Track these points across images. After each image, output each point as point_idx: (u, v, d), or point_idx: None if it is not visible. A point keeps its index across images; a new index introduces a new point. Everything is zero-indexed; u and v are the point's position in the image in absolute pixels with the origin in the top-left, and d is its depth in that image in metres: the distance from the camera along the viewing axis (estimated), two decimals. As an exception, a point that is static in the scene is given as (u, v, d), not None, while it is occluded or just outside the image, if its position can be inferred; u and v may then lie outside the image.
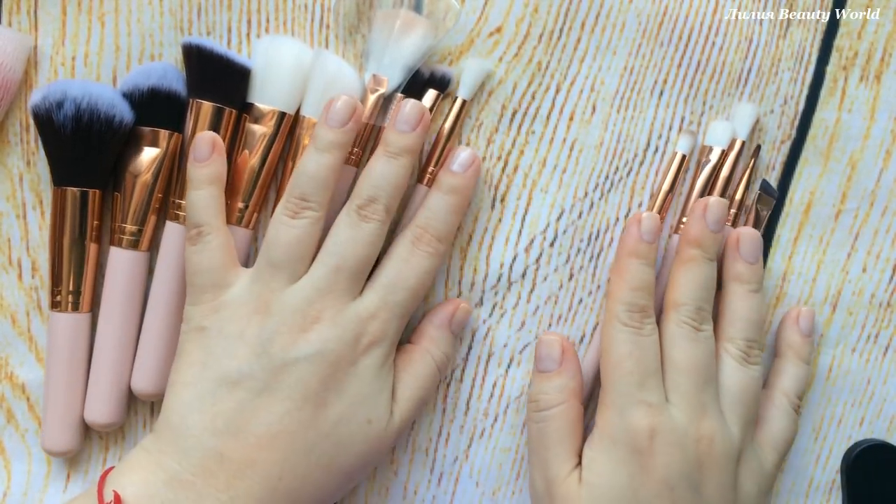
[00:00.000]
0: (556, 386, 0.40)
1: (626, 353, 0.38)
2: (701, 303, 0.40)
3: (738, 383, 0.40)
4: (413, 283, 0.39)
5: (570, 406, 0.39)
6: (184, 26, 0.41)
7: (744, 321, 0.41)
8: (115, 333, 0.40)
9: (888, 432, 0.46)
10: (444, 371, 0.42)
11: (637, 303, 0.39)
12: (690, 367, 0.38)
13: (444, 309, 0.42)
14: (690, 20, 0.43)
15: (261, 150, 0.41)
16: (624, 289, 0.39)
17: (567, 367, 0.40)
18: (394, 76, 0.41)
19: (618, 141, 0.43)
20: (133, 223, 0.40)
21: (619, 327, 0.39)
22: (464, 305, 0.42)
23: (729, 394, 0.40)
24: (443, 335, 0.41)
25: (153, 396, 0.41)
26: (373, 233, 0.38)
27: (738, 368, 0.40)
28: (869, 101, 0.44)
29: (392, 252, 0.39)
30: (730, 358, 0.40)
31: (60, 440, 0.41)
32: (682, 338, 0.39)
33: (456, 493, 0.45)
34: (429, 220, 0.39)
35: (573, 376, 0.40)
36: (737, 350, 0.40)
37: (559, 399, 0.40)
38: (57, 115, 0.38)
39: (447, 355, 0.42)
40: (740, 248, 0.41)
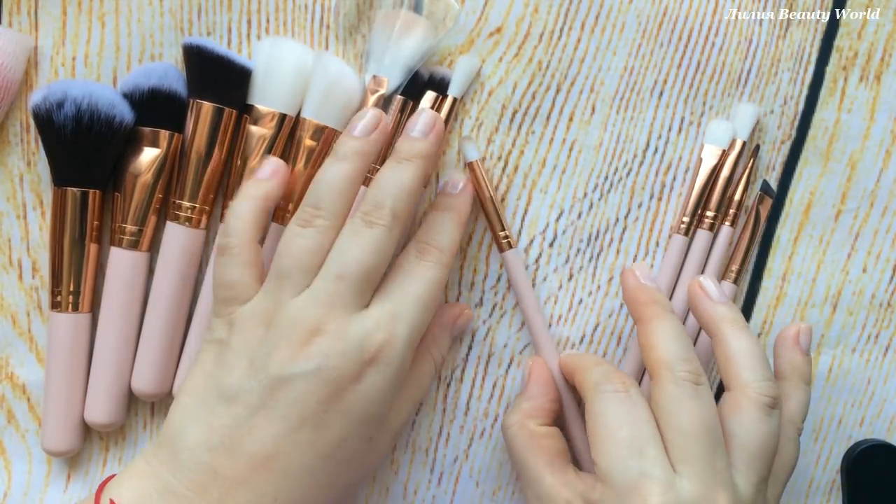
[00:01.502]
0: (514, 408, 0.40)
1: (616, 421, 0.34)
2: (690, 354, 0.36)
3: (760, 437, 0.35)
4: (420, 293, 0.36)
5: (520, 427, 0.39)
6: (184, 27, 0.41)
7: (755, 359, 0.36)
8: (115, 333, 0.40)
9: (888, 432, 0.46)
10: (439, 372, 0.42)
11: (612, 368, 0.38)
12: (700, 429, 0.34)
13: (449, 311, 0.42)
14: (690, 20, 0.43)
15: (261, 152, 0.41)
16: (592, 357, 0.40)
17: (528, 388, 0.41)
18: (394, 77, 0.41)
19: (617, 141, 0.43)
20: (133, 223, 0.40)
21: (602, 396, 0.35)
22: (468, 312, 0.42)
23: (747, 451, 0.35)
24: (444, 337, 0.41)
25: (153, 396, 0.41)
26: (378, 239, 0.35)
27: (761, 420, 0.35)
28: (869, 102, 0.44)
29: (396, 263, 0.38)
30: (752, 408, 0.35)
31: (60, 440, 0.41)
32: (684, 397, 0.34)
33: (456, 493, 0.45)
34: (428, 233, 0.38)
35: (530, 397, 0.40)
36: (759, 395, 0.35)
37: (511, 421, 0.40)
38: (57, 115, 0.38)
39: (444, 357, 0.42)
40: (709, 292, 0.39)
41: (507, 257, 0.42)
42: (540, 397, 0.40)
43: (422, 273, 0.37)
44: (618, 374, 0.36)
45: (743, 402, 0.35)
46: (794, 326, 0.41)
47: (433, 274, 0.37)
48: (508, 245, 0.42)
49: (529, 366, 0.41)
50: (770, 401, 0.35)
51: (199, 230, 0.41)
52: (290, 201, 0.41)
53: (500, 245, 0.42)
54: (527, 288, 0.42)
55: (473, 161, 0.41)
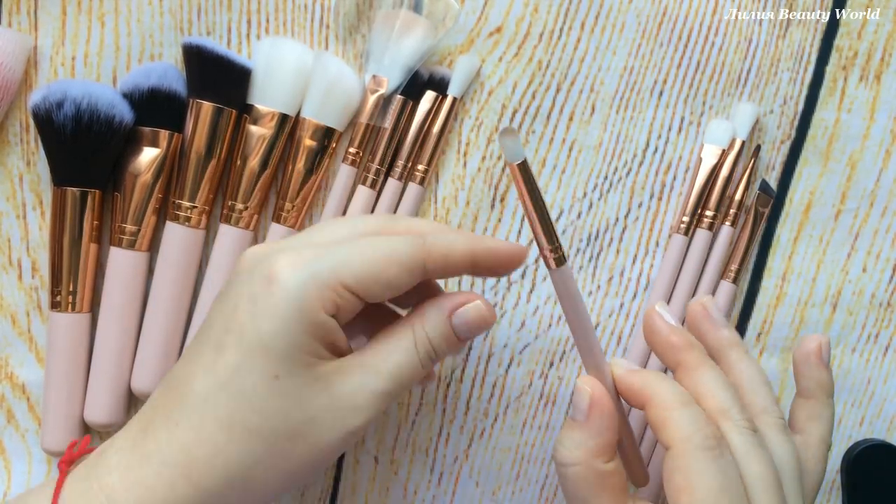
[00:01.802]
0: (575, 441, 0.33)
1: (718, 486, 0.31)
2: (738, 399, 0.34)
3: (790, 462, 0.35)
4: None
5: (586, 467, 0.33)
6: (184, 26, 0.41)
7: (763, 385, 0.36)
8: (115, 333, 0.40)
9: (888, 432, 0.46)
10: (425, 363, 0.33)
11: (699, 411, 0.32)
12: (771, 475, 0.33)
13: (454, 297, 0.34)
14: (690, 20, 0.43)
15: (261, 152, 0.41)
16: (677, 409, 0.32)
17: (593, 422, 0.33)
18: (393, 77, 0.41)
19: (617, 141, 0.43)
20: (133, 223, 0.40)
21: (695, 454, 0.31)
22: (478, 302, 0.34)
23: (787, 477, 0.34)
24: (437, 318, 0.33)
25: (153, 396, 0.41)
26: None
27: (785, 442, 0.35)
28: (869, 101, 0.44)
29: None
30: (776, 433, 0.35)
31: (60, 440, 0.41)
32: (751, 447, 0.33)
33: (456, 493, 0.45)
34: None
35: (597, 434, 0.33)
36: (776, 420, 0.35)
37: (575, 458, 0.33)
38: (57, 115, 0.38)
39: (434, 345, 0.33)
40: (713, 316, 0.38)
41: (564, 272, 0.33)
42: (606, 433, 0.34)
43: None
44: (707, 423, 0.32)
45: (765, 429, 0.35)
46: (813, 341, 0.39)
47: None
48: (562, 260, 0.32)
49: (589, 394, 0.34)
50: (784, 424, 0.35)
51: (199, 230, 0.41)
52: (289, 201, 0.41)
53: (550, 261, 0.32)
54: (583, 306, 0.34)
55: (516, 163, 0.31)
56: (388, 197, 0.42)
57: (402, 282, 0.32)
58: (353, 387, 0.31)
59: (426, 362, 0.33)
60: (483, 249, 0.34)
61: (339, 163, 0.42)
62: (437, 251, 0.32)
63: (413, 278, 0.32)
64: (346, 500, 0.44)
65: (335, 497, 0.44)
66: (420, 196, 0.43)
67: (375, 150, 0.42)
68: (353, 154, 0.42)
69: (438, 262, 0.32)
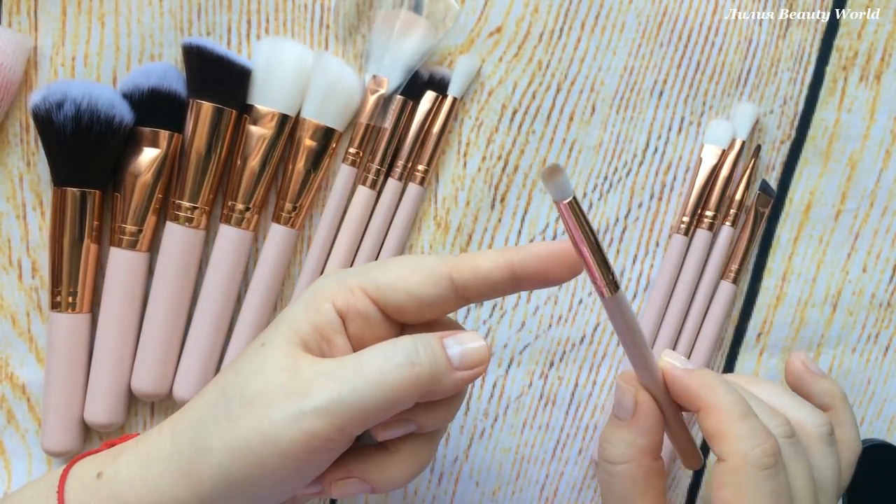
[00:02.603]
0: (624, 440, 0.33)
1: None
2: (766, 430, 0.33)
3: (833, 471, 0.34)
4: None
5: (637, 465, 0.33)
6: (184, 27, 0.41)
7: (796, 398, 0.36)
8: (115, 333, 0.40)
9: (888, 432, 0.46)
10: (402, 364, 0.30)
11: (759, 424, 0.31)
12: (812, 491, 0.32)
13: (453, 329, 0.33)
14: (690, 20, 0.43)
15: (261, 152, 0.41)
16: (736, 421, 0.31)
17: (640, 421, 0.33)
18: (394, 77, 0.41)
19: (617, 141, 0.43)
20: (133, 223, 0.40)
21: (753, 473, 0.30)
22: (474, 333, 0.32)
23: (824, 490, 0.34)
24: (427, 335, 0.31)
25: (153, 396, 0.41)
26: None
27: (831, 453, 0.34)
28: (869, 101, 0.44)
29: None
30: (819, 443, 0.34)
31: (60, 440, 0.41)
32: (793, 457, 0.32)
33: (456, 493, 0.45)
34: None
35: (646, 433, 0.33)
36: (818, 430, 0.35)
37: (625, 456, 0.32)
38: (57, 115, 0.38)
39: (422, 348, 0.30)
40: (811, 369, 0.38)
41: (619, 299, 0.30)
42: (655, 432, 0.33)
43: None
44: (766, 437, 0.31)
45: (808, 441, 0.34)
46: (794, 362, 0.39)
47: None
48: (616, 286, 0.30)
49: (633, 392, 0.33)
50: (829, 432, 0.35)
51: (199, 230, 0.41)
52: (289, 201, 0.41)
53: (604, 290, 0.29)
54: (638, 325, 0.32)
55: (565, 201, 0.28)
56: (388, 197, 0.42)
57: (426, 293, 0.31)
58: (312, 371, 0.29)
59: (402, 360, 0.30)
60: (524, 256, 0.31)
61: (339, 163, 0.42)
62: (467, 262, 0.31)
63: (439, 290, 0.31)
64: (346, 500, 0.44)
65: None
66: (420, 196, 0.43)
67: (375, 151, 0.42)
68: (353, 154, 0.42)
69: (466, 273, 0.31)
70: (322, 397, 0.29)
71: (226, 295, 0.41)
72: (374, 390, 0.29)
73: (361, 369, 0.29)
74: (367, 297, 0.31)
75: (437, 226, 0.43)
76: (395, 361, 0.29)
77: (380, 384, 0.29)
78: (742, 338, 0.46)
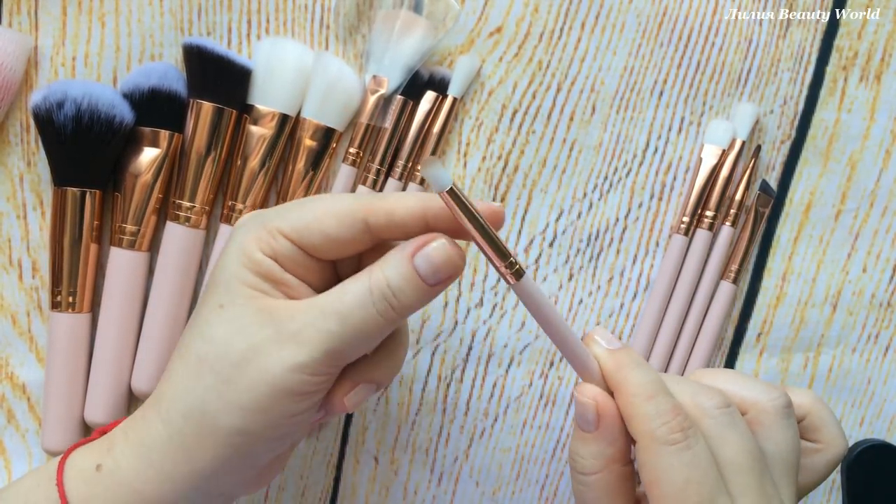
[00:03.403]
0: (593, 452, 0.33)
1: (683, 480, 0.30)
2: (711, 388, 0.34)
3: (791, 444, 0.34)
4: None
5: (609, 472, 0.33)
6: (184, 27, 0.41)
7: (752, 380, 0.36)
8: (115, 333, 0.40)
9: (888, 432, 0.46)
10: (380, 306, 0.30)
11: (667, 402, 0.31)
12: (750, 459, 0.32)
13: (417, 239, 0.31)
14: (690, 20, 0.43)
15: (261, 152, 0.41)
16: (642, 402, 0.31)
17: (604, 432, 0.33)
18: (394, 77, 0.41)
19: (617, 141, 0.43)
20: (133, 223, 0.40)
21: (662, 450, 0.31)
22: (442, 240, 0.31)
23: (782, 464, 0.34)
24: (396, 258, 0.31)
25: (153, 396, 0.41)
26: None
27: (787, 426, 0.35)
28: (869, 101, 0.44)
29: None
30: (773, 417, 0.34)
31: (60, 440, 0.41)
32: (726, 428, 0.32)
33: (456, 493, 0.45)
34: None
35: (613, 441, 0.33)
36: (775, 403, 0.35)
37: (596, 467, 0.33)
38: (57, 115, 0.38)
39: (393, 287, 0.30)
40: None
41: (526, 283, 0.31)
42: (621, 438, 0.33)
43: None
44: (674, 414, 0.31)
45: (763, 417, 0.35)
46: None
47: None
48: (520, 272, 0.30)
49: (594, 405, 0.33)
50: (785, 406, 0.35)
51: (199, 230, 0.41)
52: (289, 201, 0.41)
53: (508, 277, 0.30)
54: (553, 311, 0.32)
55: (444, 191, 0.29)
56: (388, 197, 0.42)
57: (341, 235, 0.31)
58: (299, 322, 0.30)
59: (381, 306, 0.30)
60: (436, 208, 0.31)
61: (339, 163, 0.42)
62: (382, 207, 0.31)
63: (354, 233, 0.31)
64: (346, 500, 0.44)
65: (335, 497, 0.44)
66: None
67: (376, 151, 0.42)
68: (353, 154, 0.42)
69: (381, 217, 0.31)
70: (316, 350, 0.30)
71: (226, 295, 0.41)
72: (361, 336, 0.31)
73: (347, 321, 0.30)
74: (288, 240, 0.31)
75: (437, 226, 0.43)
76: (376, 310, 0.30)
77: (365, 330, 0.30)
78: (742, 338, 0.46)
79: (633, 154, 0.44)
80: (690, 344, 0.44)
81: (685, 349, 0.44)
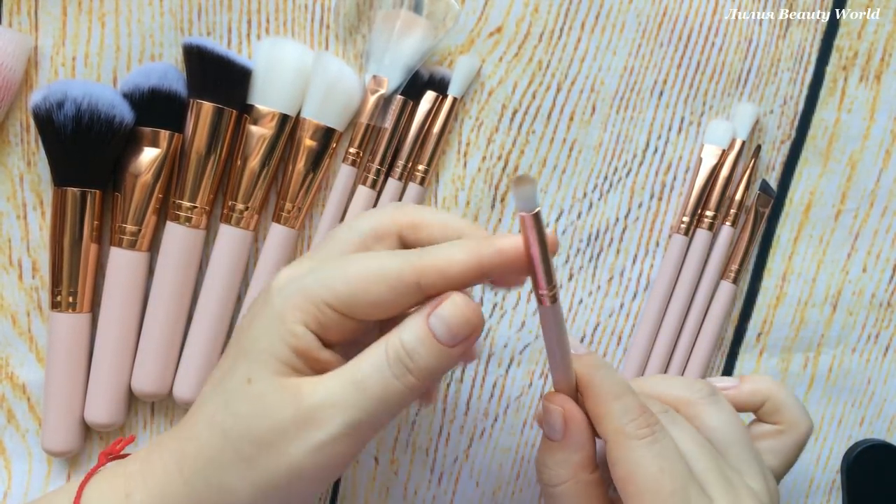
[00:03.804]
0: (559, 460, 0.33)
1: (655, 474, 0.31)
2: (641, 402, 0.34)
3: (727, 426, 0.35)
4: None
5: (575, 482, 0.33)
6: (184, 27, 0.41)
7: (678, 377, 0.38)
8: (115, 333, 0.40)
9: (888, 432, 0.46)
10: (397, 371, 0.30)
11: (632, 400, 0.32)
12: (702, 449, 0.33)
13: (436, 299, 0.31)
14: (690, 20, 0.43)
15: (261, 152, 0.41)
16: (611, 401, 0.32)
17: (572, 439, 0.33)
18: (394, 77, 0.41)
19: (617, 141, 0.44)
20: (133, 223, 0.40)
21: (630, 445, 0.31)
22: (454, 297, 0.30)
23: (730, 443, 0.35)
24: (414, 321, 0.30)
25: (153, 396, 0.41)
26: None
27: (719, 411, 0.36)
28: (869, 101, 0.44)
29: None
30: (704, 406, 0.35)
31: (60, 440, 0.41)
32: (673, 425, 0.34)
33: (456, 493, 0.45)
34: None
35: (579, 448, 0.33)
36: (700, 391, 0.36)
37: (563, 476, 0.33)
38: (57, 115, 0.38)
39: (408, 349, 0.30)
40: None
41: (557, 308, 0.31)
42: (587, 445, 0.33)
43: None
44: (641, 411, 0.32)
45: (694, 409, 0.36)
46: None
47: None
48: (556, 297, 0.30)
49: (561, 412, 0.33)
50: (711, 392, 0.36)
51: (199, 230, 0.41)
52: (289, 201, 0.41)
53: (546, 300, 0.30)
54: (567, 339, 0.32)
55: (531, 212, 0.28)
56: (388, 197, 0.42)
57: (391, 300, 0.30)
58: (319, 397, 0.30)
59: (398, 370, 0.30)
60: (492, 254, 0.30)
61: (339, 163, 0.42)
62: (433, 267, 0.30)
63: (406, 297, 0.30)
64: (346, 500, 0.44)
65: (335, 497, 0.44)
66: (420, 196, 0.43)
67: (376, 151, 0.42)
68: (353, 154, 0.42)
69: (434, 278, 0.30)
70: (335, 426, 0.29)
71: (226, 295, 0.41)
72: (382, 405, 0.30)
73: (365, 391, 0.30)
74: (335, 311, 0.30)
75: (437, 226, 0.43)
76: (392, 374, 0.30)
77: (384, 399, 0.30)
78: (742, 338, 0.46)
79: (633, 154, 0.44)
80: (690, 344, 0.45)
81: (685, 349, 0.44)
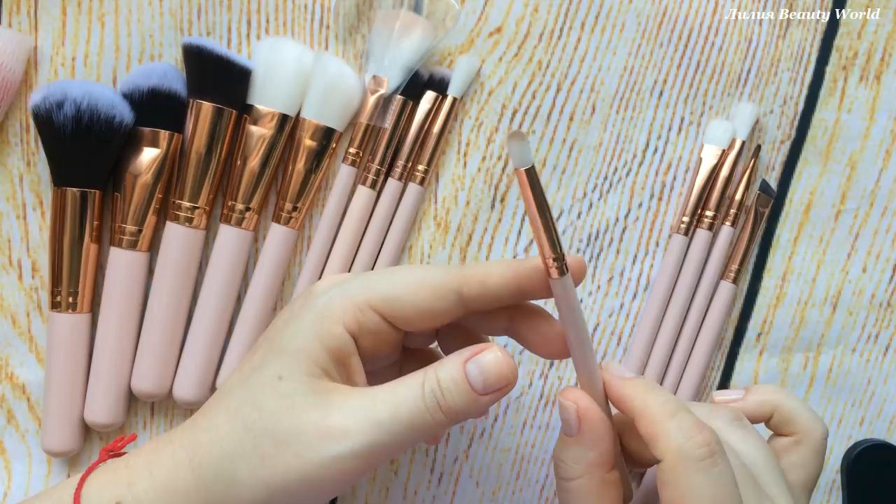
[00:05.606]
0: (574, 456, 0.33)
1: (710, 499, 0.30)
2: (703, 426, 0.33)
3: (758, 452, 0.34)
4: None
5: (590, 478, 0.33)
6: (184, 27, 0.41)
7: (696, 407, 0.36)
8: (115, 333, 0.40)
9: (888, 432, 0.46)
10: (430, 406, 0.30)
11: (690, 418, 0.31)
12: (743, 476, 0.32)
13: (475, 346, 0.32)
14: (690, 20, 0.43)
15: (261, 152, 0.41)
16: (666, 420, 0.31)
17: (586, 436, 0.33)
18: (393, 77, 0.41)
19: (617, 141, 0.44)
20: (133, 223, 0.40)
21: (689, 466, 0.30)
22: (496, 350, 0.31)
23: (761, 469, 0.34)
24: (452, 362, 0.31)
25: (153, 396, 0.41)
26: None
27: (747, 435, 0.35)
28: (869, 102, 0.44)
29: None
30: (730, 429, 0.35)
31: (60, 440, 0.41)
32: (742, 441, 0.34)
33: (456, 493, 0.45)
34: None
35: (594, 445, 0.33)
36: (725, 414, 0.35)
37: (577, 472, 0.33)
38: (57, 115, 0.38)
39: (443, 387, 0.31)
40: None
41: (567, 282, 0.30)
42: (602, 443, 0.33)
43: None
44: (699, 429, 0.31)
45: (725, 434, 0.35)
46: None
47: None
48: (564, 269, 0.30)
49: (575, 408, 0.33)
50: (735, 417, 0.35)
51: (199, 230, 0.41)
52: (289, 201, 0.41)
53: (552, 270, 0.30)
54: (582, 316, 0.32)
55: (524, 168, 0.29)
56: (388, 197, 0.42)
57: (432, 307, 0.31)
58: (347, 410, 0.30)
59: (431, 405, 0.30)
60: (530, 269, 0.31)
61: (339, 163, 0.42)
62: (475, 276, 0.32)
63: (448, 304, 0.31)
64: (346, 500, 0.44)
65: (335, 497, 0.44)
66: (420, 196, 0.43)
67: (375, 151, 0.42)
68: (353, 154, 0.42)
69: (475, 287, 0.31)
70: (359, 441, 0.29)
71: (226, 295, 0.41)
72: (408, 433, 0.30)
73: (397, 413, 0.30)
74: (377, 314, 0.31)
75: (437, 226, 0.43)
76: (426, 406, 0.30)
77: (412, 426, 0.30)
78: (742, 338, 0.46)
79: (633, 154, 0.44)
80: (690, 344, 0.44)
81: (685, 349, 0.44)
